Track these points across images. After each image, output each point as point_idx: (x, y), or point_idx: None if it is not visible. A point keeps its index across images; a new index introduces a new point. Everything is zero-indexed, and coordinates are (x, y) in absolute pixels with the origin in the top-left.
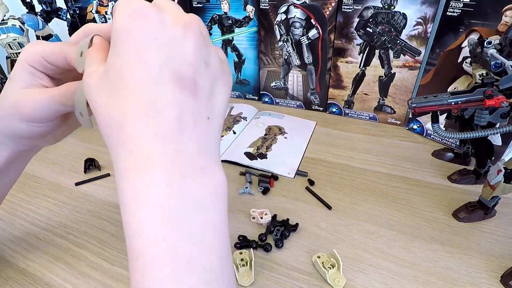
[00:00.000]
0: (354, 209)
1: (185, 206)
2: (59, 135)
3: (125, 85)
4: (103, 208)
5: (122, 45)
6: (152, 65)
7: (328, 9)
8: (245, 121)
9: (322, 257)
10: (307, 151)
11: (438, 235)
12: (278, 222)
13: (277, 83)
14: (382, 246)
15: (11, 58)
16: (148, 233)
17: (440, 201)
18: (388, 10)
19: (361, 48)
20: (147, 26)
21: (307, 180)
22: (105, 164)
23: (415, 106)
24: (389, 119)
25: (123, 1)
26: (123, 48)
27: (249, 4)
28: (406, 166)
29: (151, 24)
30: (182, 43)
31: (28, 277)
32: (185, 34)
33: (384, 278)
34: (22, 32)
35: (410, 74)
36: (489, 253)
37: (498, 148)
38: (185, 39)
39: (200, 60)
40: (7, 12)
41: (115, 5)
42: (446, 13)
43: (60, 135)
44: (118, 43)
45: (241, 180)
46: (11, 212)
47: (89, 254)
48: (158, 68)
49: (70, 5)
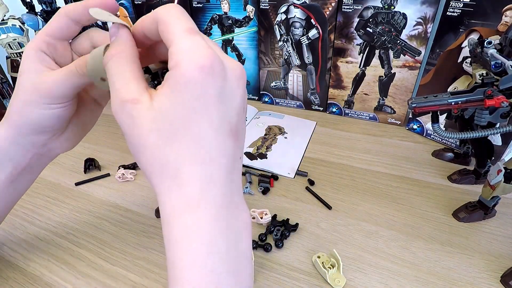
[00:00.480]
0: (354, 209)
1: (228, 241)
2: (72, 136)
3: (187, 132)
4: (103, 208)
5: (189, 95)
6: (215, 117)
7: (328, 9)
8: (245, 121)
9: (322, 257)
10: (307, 151)
11: (438, 235)
12: (278, 222)
13: (277, 83)
14: (382, 246)
15: (11, 58)
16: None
17: (440, 201)
18: (388, 10)
19: (361, 48)
20: (215, 82)
21: (307, 180)
22: (105, 164)
23: (415, 106)
24: (389, 119)
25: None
26: (191, 98)
27: (249, 4)
28: (406, 166)
29: (218, 81)
30: (236, 95)
31: (28, 277)
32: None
33: (384, 278)
34: (22, 32)
35: (410, 74)
36: (489, 253)
37: (498, 148)
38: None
39: (242, 108)
40: (7, 12)
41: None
42: (446, 13)
43: (73, 136)
44: (185, 92)
45: (241, 180)
46: (11, 212)
47: (89, 254)
48: (219, 121)
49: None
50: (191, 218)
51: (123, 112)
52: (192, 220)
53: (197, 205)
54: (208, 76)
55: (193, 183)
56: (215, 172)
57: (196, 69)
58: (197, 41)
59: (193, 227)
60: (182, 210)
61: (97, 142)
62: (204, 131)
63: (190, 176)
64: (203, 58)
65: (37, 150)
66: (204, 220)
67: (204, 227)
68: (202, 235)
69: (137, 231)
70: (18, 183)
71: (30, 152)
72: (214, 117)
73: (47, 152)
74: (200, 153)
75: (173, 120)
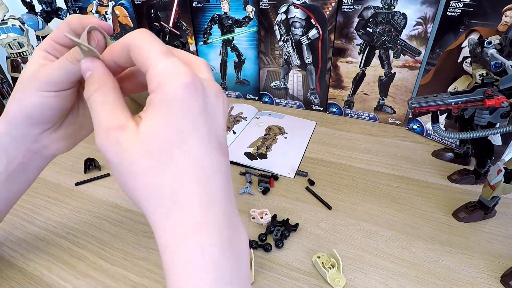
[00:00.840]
0: (354, 209)
1: (232, 265)
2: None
3: (179, 152)
4: (103, 208)
5: (176, 114)
6: (204, 133)
7: (328, 9)
8: (245, 121)
9: (322, 257)
10: (307, 151)
11: (438, 235)
12: (278, 222)
13: (277, 83)
14: (382, 246)
15: (11, 58)
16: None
17: (440, 201)
18: (388, 10)
19: (361, 48)
20: (198, 98)
21: (307, 180)
22: (105, 164)
23: (415, 106)
24: (389, 119)
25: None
26: (178, 117)
27: (249, 4)
28: (406, 166)
29: (200, 97)
30: (216, 111)
31: (28, 277)
32: (217, 102)
33: (384, 278)
34: (22, 32)
35: (410, 74)
36: (489, 253)
37: (498, 148)
38: (218, 107)
39: (224, 125)
40: (7, 12)
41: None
42: (446, 13)
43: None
44: (171, 111)
45: (241, 180)
46: (11, 212)
47: (89, 254)
48: (208, 137)
49: (70, 5)
50: (195, 242)
51: (108, 141)
52: (194, 246)
53: (200, 227)
54: (191, 93)
55: (194, 204)
56: (214, 191)
57: (180, 88)
58: (175, 62)
59: (197, 252)
60: (185, 235)
61: None
62: (196, 148)
63: (189, 197)
64: (184, 76)
65: (29, 145)
66: (209, 243)
67: (209, 251)
68: (208, 260)
69: (137, 231)
70: (14, 182)
71: (23, 147)
72: (202, 133)
73: (41, 150)
74: (196, 172)
75: (163, 141)
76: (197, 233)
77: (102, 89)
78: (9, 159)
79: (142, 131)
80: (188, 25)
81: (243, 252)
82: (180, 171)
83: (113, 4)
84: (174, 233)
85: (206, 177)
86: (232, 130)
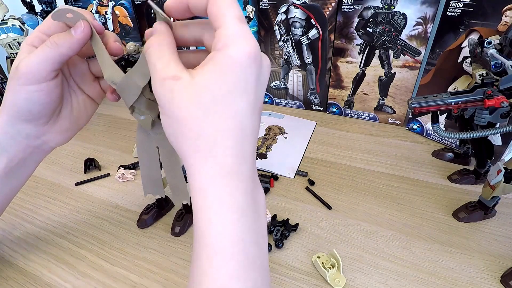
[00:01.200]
0: (354, 209)
1: (253, 212)
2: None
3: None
4: (103, 208)
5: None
6: (252, 99)
7: (328, 9)
8: None
9: (322, 257)
10: (307, 151)
11: (438, 235)
12: (278, 222)
13: (277, 83)
14: (382, 246)
15: (11, 58)
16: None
17: (440, 201)
18: (388, 10)
19: (361, 48)
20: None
21: (307, 180)
22: (105, 164)
23: (415, 106)
24: (389, 119)
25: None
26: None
27: (249, 4)
28: (406, 166)
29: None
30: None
31: (28, 277)
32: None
33: (384, 278)
34: (22, 32)
35: (410, 74)
36: (489, 253)
37: (498, 148)
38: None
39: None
40: (7, 12)
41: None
42: (446, 13)
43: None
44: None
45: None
46: (11, 212)
47: (89, 254)
48: (255, 102)
49: (70, 5)
50: (225, 186)
51: (163, 89)
52: (225, 189)
53: (230, 175)
54: (252, 62)
55: (228, 155)
56: (247, 148)
57: (244, 55)
58: (246, 30)
59: (226, 195)
60: (216, 179)
61: (97, 142)
62: (242, 109)
63: (226, 148)
64: (251, 46)
65: (29, 141)
66: (237, 189)
67: (236, 196)
68: (234, 203)
69: (137, 231)
70: (13, 177)
71: (23, 144)
72: (251, 98)
73: (41, 145)
74: (237, 128)
75: (215, 95)
76: (228, 180)
77: (159, 43)
78: (10, 156)
79: (197, 82)
80: None
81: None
82: (224, 125)
83: (113, 4)
84: (208, 176)
85: (244, 136)
86: None
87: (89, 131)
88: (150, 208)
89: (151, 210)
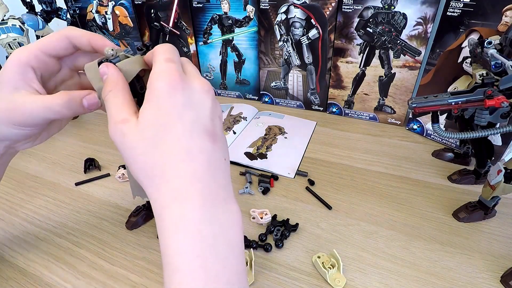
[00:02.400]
0: (354, 209)
1: (213, 229)
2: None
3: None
4: (103, 208)
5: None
6: (187, 121)
7: (328, 9)
8: (245, 121)
9: (322, 257)
10: (307, 151)
11: (438, 235)
12: (278, 222)
13: (277, 83)
14: (382, 246)
15: None
16: (185, 251)
17: (440, 201)
18: (388, 10)
19: (361, 48)
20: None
21: (307, 180)
22: (105, 164)
23: (415, 106)
24: (389, 119)
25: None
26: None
27: (249, 4)
28: (406, 166)
29: (184, 93)
30: (204, 104)
31: (28, 277)
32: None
33: (384, 278)
34: (22, 32)
35: (410, 74)
36: (489, 253)
37: (498, 148)
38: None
39: (215, 115)
40: (7, 12)
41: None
42: (446, 13)
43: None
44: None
45: (241, 180)
46: (11, 212)
47: (89, 254)
48: (192, 123)
49: (70, 5)
50: (178, 208)
51: (116, 132)
52: (179, 210)
53: (183, 197)
54: (175, 90)
55: (178, 177)
56: (197, 168)
57: (165, 85)
58: (170, 66)
59: (180, 217)
60: (170, 202)
61: (97, 142)
62: (181, 132)
63: (175, 171)
64: (170, 76)
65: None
66: (190, 209)
67: (190, 217)
68: (189, 223)
69: (137, 231)
70: None
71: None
72: (186, 120)
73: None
74: (181, 151)
75: (155, 127)
76: (181, 201)
77: (114, 90)
78: None
79: (140, 121)
80: (188, 25)
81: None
82: (169, 151)
83: (113, 4)
84: (162, 201)
85: (192, 156)
86: (232, 130)
87: (89, 131)
88: (140, 210)
89: (140, 211)
